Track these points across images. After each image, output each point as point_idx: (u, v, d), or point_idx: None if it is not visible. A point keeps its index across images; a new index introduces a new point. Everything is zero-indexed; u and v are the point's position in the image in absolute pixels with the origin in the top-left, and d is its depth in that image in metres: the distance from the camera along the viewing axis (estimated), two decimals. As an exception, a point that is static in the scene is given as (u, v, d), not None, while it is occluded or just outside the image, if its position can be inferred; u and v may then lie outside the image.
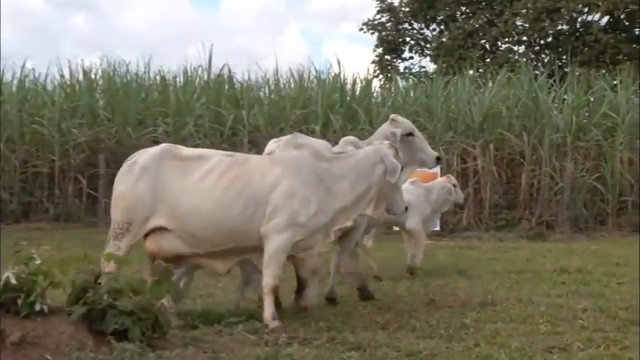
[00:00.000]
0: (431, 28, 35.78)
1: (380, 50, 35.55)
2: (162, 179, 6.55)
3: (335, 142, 8.29)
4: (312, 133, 18.65)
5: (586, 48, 31.51)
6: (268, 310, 6.40)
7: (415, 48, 35.99)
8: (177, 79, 21.26)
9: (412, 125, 8.54)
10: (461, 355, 5.48)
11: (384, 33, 35.43)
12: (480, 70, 24.86)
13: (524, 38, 33.25)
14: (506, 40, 33.49)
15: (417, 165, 8.62)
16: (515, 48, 33.72)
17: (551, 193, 18.14)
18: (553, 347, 5.79)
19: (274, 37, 57.52)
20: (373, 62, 34.89)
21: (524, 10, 32.17)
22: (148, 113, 19.57)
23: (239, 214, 6.46)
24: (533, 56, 32.46)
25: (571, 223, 17.63)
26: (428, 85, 21.45)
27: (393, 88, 23.14)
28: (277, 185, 6.51)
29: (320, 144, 7.11)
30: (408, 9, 35.24)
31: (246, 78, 21.61)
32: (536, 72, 22.67)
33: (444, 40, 33.91)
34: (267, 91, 21.36)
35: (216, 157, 6.71)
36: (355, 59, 55.50)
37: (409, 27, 36.01)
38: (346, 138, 8.03)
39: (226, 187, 6.48)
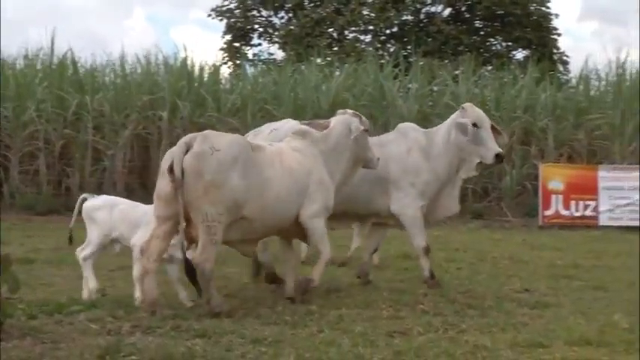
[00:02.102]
0: (279, 15, 35.84)
1: (228, 37, 35.38)
2: (252, 170, 6.73)
3: (183, 129, 8.25)
4: (159, 120, 18.43)
5: (430, 38, 32.29)
6: (318, 275, 7.26)
7: (264, 35, 36.00)
8: (18, 62, 20.54)
9: (482, 117, 8.48)
10: (305, 341, 5.54)
11: (232, 20, 35.26)
12: (328, 59, 25.05)
13: (371, 28, 33.76)
14: (353, 29, 33.91)
15: (478, 158, 8.51)
16: (362, 37, 34.19)
17: (397, 180, 18.46)
18: (395, 331, 5.93)
19: (120, 21, 56.28)
20: (222, 49, 34.70)
21: (370, 0, 32.69)
22: (-15, 97, 18.82)
23: (297, 201, 7.05)
24: (379, 46, 33.02)
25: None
26: (276, 73, 21.49)
27: (241, 75, 23.05)
28: (311, 174, 7.15)
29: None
30: (256, -5, 35.22)
31: (91, 62, 21.15)
32: (382, 61, 23.06)
33: (292, 27, 34.04)
34: (112, 76, 20.89)
35: (266, 146, 7.16)
36: (204, 46, 55.09)
37: (257, 14, 35.96)
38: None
39: (288, 176, 6.98)
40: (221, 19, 35.35)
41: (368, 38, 34.04)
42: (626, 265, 10.50)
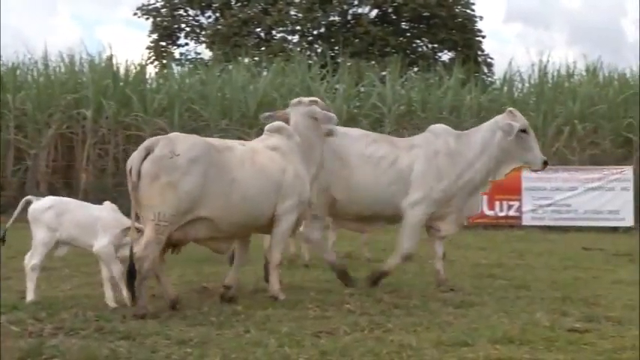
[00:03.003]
0: (206, 14, 35.69)
1: (155, 36, 35.11)
2: (212, 172, 6.67)
3: (108, 129, 8.15)
4: (83, 119, 18.19)
5: (356, 39, 32.49)
6: (276, 283, 7.27)
7: (191, 34, 35.80)
8: (-64, 60, 20.10)
9: (527, 122, 8.37)
10: (231, 342, 5.51)
11: (158, 18, 35.02)
12: (255, 59, 25.04)
13: (298, 28, 33.86)
14: (281, 29, 33.96)
15: (521, 163, 8.45)
16: (290, 37, 34.27)
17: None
18: (321, 331, 5.92)
19: (44, 19, 55.39)
20: (148, 48, 34.41)
21: (297, 0, 32.75)
22: None
23: (267, 199, 7.05)
24: (306, 46, 33.11)
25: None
26: (203, 73, 21.39)
27: (168, 75, 22.89)
28: (285, 170, 7.18)
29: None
30: (183, -5, 35.01)
31: (13, 60, 20.80)
32: (310, 62, 23.14)
33: (219, 27, 33.92)
34: (35, 75, 20.56)
35: (236, 145, 7.14)
36: (130, 45, 54.55)
37: (184, 13, 35.75)
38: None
39: (259, 175, 6.97)
40: (147, 18, 35.13)
41: (295, 38, 34.17)
42: (547, 264, 10.71)
